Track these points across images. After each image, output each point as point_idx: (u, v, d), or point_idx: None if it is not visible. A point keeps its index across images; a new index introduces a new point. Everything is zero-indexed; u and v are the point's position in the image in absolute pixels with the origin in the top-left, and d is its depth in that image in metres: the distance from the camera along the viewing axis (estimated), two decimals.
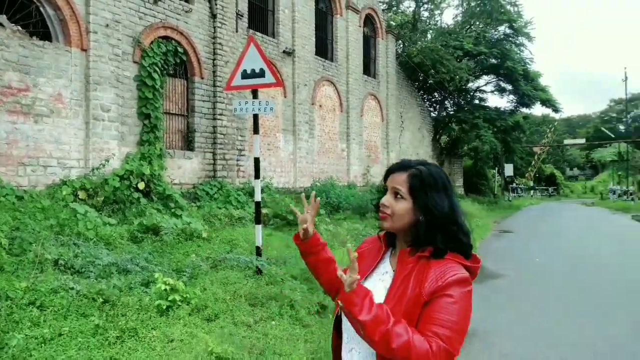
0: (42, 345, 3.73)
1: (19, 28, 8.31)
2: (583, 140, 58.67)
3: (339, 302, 1.50)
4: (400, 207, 1.61)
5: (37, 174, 8.24)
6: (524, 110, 33.64)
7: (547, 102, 30.81)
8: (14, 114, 7.97)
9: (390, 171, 1.68)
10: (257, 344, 4.64)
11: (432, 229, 1.58)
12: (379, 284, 1.64)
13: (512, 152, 33.40)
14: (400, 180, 1.62)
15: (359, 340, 1.56)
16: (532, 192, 51.34)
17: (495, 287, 8.62)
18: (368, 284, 1.63)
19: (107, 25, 9.46)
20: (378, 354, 1.53)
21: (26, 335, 3.75)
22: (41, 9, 8.69)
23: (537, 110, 77.34)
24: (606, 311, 6.89)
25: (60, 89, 8.68)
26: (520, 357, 5.06)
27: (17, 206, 6.76)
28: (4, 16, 8.27)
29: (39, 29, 8.74)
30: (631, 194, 37.54)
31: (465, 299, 1.51)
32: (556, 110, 32.44)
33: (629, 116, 60.72)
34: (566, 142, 56.97)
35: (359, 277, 1.47)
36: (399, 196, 1.62)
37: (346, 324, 1.65)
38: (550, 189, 54.94)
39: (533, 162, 56.93)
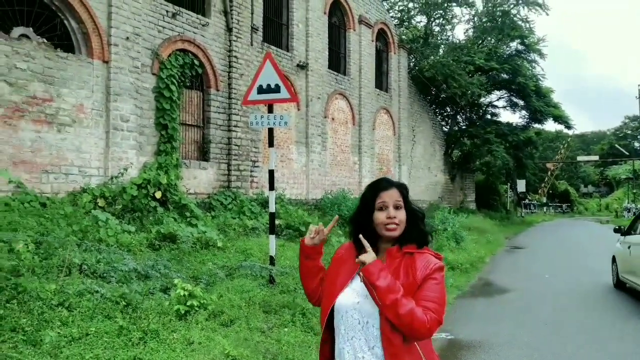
0: (72, 343, 3.90)
1: (44, 40, 8.62)
2: (597, 157, 58.32)
3: (360, 273, 1.89)
4: (403, 216, 2.01)
5: (59, 181, 8.48)
6: (537, 126, 33.64)
7: (560, 119, 30.79)
8: (38, 123, 8.24)
9: (379, 189, 2.04)
10: (271, 349, 4.77)
11: (416, 228, 2.03)
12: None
13: (524, 167, 33.28)
14: (396, 195, 2.02)
15: (358, 329, 1.92)
16: (545, 208, 51.00)
17: (503, 301, 8.67)
18: (356, 283, 1.98)
19: (128, 38, 9.75)
20: (382, 337, 1.86)
21: (57, 333, 3.93)
22: (65, 22, 9.00)
23: (550, 126, 77.12)
24: (613, 328, 6.90)
25: (82, 100, 8.95)
26: None
27: (42, 212, 6.98)
28: (31, 29, 8.59)
29: (63, 42, 9.04)
30: None
31: (444, 281, 1.95)
32: (569, 126, 32.42)
33: None
34: (579, 158, 56.68)
35: (373, 254, 1.89)
36: (398, 207, 2.00)
37: (345, 316, 1.95)
38: (564, 206, 54.48)
39: (546, 179, 56.60)
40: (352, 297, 1.95)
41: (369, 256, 1.87)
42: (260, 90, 7.42)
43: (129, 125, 9.72)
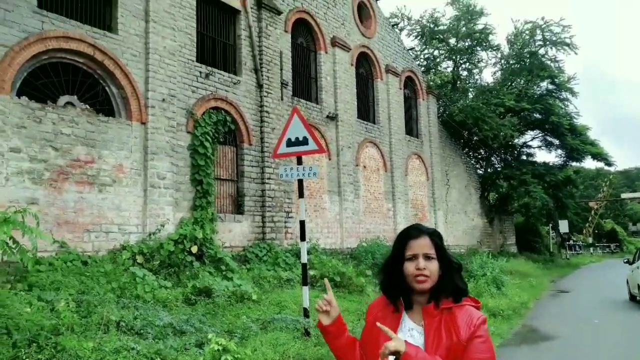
0: None
1: (87, 107, 9.16)
2: None
3: None
4: (434, 268, 1.87)
5: (100, 239, 8.78)
6: (575, 164, 32.81)
7: (598, 156, 29.99)
8: (81, 185, 8.64)
9: (409, 237, 1.92)
10: None
11: (452, 279, 1.89)
12: (409, 339, 1.81)
13: (565, 207, 32.24)
14: (427, 245, 1.89)
15: None
16: (591, 249, 48.90)
17: (547, 349, 8.27)
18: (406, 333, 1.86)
19: (164, 100, 10.25)
20: None
21: None
22: (106, 88, 9.57)
23: (590, 163, 75.06)
24: None
25: (121, 160, 9.38)
26: None
27: (83, 271, 7.21)
28: (75, 97, 9.16)
29: (104, 106, 9.58)
30: None
31: (489, 335, 1.81)
32: (609, 164, 31.50)
33: None
34: (624, 195, 54.65)
35: (400, 339, 1.70)
36: (429, 257, 1.88)
37: None
38: (612, 246, 52.08)
39: (590, 218, 54.58)
40: None
41: (398, 343, 1.68)
42: (289, 143, 7.62)
43: (165, 183, 10.06)
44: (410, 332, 1.85)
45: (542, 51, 28.14)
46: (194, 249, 9.67)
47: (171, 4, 10.63)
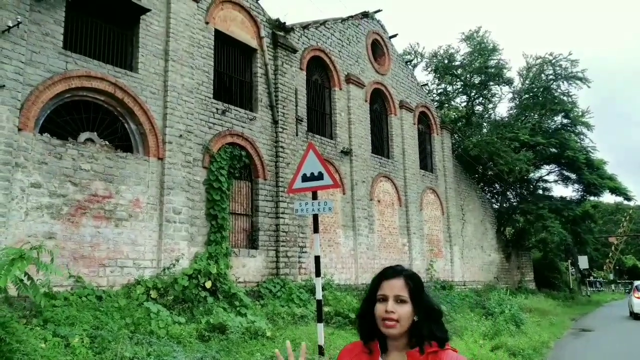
0: None
1: (107, 143, 9.36)
2: None
3: None
4: (405, 311, 1.75)
5: (115, 274, 8.81)
6: (593, 198, 32.36)
7: (617, 191, 29.57)
8: (98, 219, 8.75)
9: (383, 278, 1.83)
10: None
11: (429, 324, 1.76)
12: None
13: (584, 243, 31.65)
14: (399, 286, 1.78)
15: None
16: (613, 285, 47.67)
17: None
18: None
19: (181, 136, 10.44)
20: None
21: None
22: (125, 124, 9.80)
23: (609, 198, 73.90)
24: None
25: (138, 195, 9.50)
26: None
27: (97, 306, 7.22)
28: (95, 133, 9.38)
29: (122, 142, 9.78)
30: None
31: None
32: (628, 198, 31.01)
33: None
34: None
35: None
36: (400, 301, 1.76)
37: None
38: (635, 283, 50.67)
39: (610, 254, 53.38)
40: None
41: None
42: (305, 179, 7.66)
43: (181, 217, 10.13)
44: None
45: (554, 85, 28.23)
46: (208, 284, 9.64)
47: (190, 43, 10.96)
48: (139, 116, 9.77)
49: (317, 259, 7.43)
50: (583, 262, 35.31)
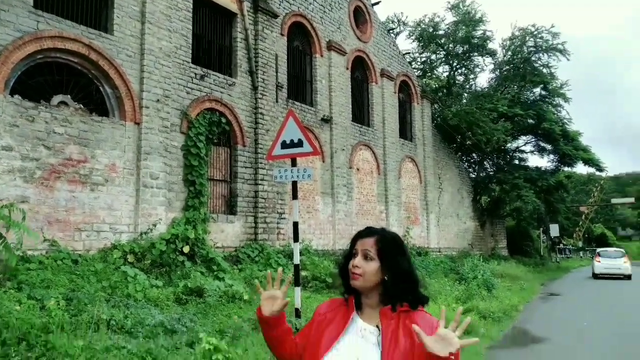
0: None
1: (81, 106, 9.17)
2: (632, 200, 56.54)
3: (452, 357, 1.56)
4: (370, 268, 1.83)
5: (91, 238, 8.78)
6: (567, 169, 33.07)
7: (590, 162, 30.24)
8: (73, 184, 8.65)
9: (359, 236, 1.91)
10: None
11: (397, 286, 1.81)
12: (360, 340, 1.79)
13: (556, 212, 32.49)
14: (369, 244, 1.86)
15: None
16: (581, 253, 49.29)
17: (537, 351, 8.36)
18: (347, 342, 1.80)
19: (158, 100, 10.27)
20: None
21: None
22: (101, 88, 9.59)
23: (582, 169, 75.38)
24: None
25: (114, 159, 9.39)
26: None
27: (73, 269, 7.22)
28: (69, 96, 9.17)
29: (98, 106, 9.59)
30: None
31: None
32: (600, 169, 31.76)
33: None
34: (614, 201, 55.13)
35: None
36: (368, 258, 1.84)
37: None
38: (598, 250, 52.52)
39: (580, 222, 54.99)
40: None
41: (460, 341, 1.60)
42: (284, 145, 7.66)
43: (158, 183, 10.07)
44: (362, 332, 1.81)
45: (535, 57, 28.36)
46: (186, 249, 9.69)
47: (168, 5, 10.66)
48: (115, 79, 9.56)
49: (295, 224, 7.51)
50: (554, 230, 36.37)
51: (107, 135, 9.31)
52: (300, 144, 7.59)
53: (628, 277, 24.20)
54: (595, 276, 24.90)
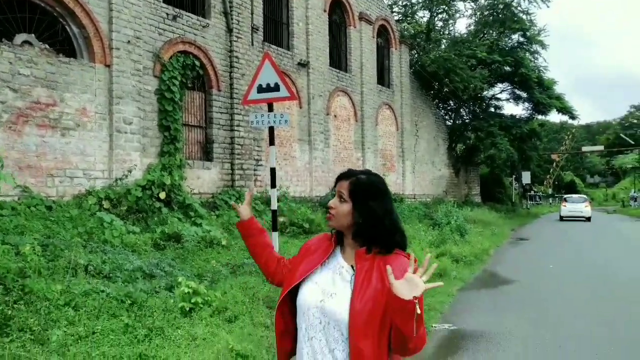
0: (78, 341, 4.02)
1: (47, 46, 8.73)
2: (602, 147, 58.03)
3: (416, 301, 1.56)
4: (341, 209, 1.86)
5: (65, 184, 8.61)
6: (540, 117, 33.50)
7: (563, 110, 30.66)
8: (43, 128, 8.37)
9: (339, 178, 1.95)
10: (275, 343, 4.85)
11: (370, 229, 1.83)
12: (336, 276, 1.84)
13: (529, 159, 33.18)
14: (344, 186, 1.89)
15: (319, 329, 1.77)
16: (550, 199, 50.89)
17: (506, 292, 8.73)
18: (323, 275, 1.86)
19: (129, 42, 9.85)
20: (350, 346, 1.69)
21: (64, 332, 4.05)
22: (67, 27, 9.12)
23: (555, 117, 76.50)
24: (613, 316, 6.95)
25: (85, 104, 9.07)
26: (525, 358, 5.18)
27: (48, 215, 7.11)
28: (33, 35, 8.71)
29: (65, 47, 9.16)
30: None
31: None
32: (573, 117, 32.28)
33: None
34: (584, 149, 56.44)
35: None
36: (342, 199, 1.87)
37: (306, 313, 1.80)
38: (565, 196, 54.28)
39: (551, 170, 56.42)
40: (315, 295, 1.81)
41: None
42: (260, 90, 7.48)
43: (132, 128, 9.83)
44: (339, 269, 1.85)
45: (515, 3, 27.99)
46: (162, 195, 9.61)
47: None
48: (81, 18, 9.08)
49: (272, 170, 7.46)
50: (526, 177, 37.28)
51: (76, 77, 8.94)
52: (277, 88, 7.42)
53: (588, 219, 27.54)
54: (562, 218, 28.61)
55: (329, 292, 1.79)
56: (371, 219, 1.83)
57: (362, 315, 1.69)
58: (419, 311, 1.59)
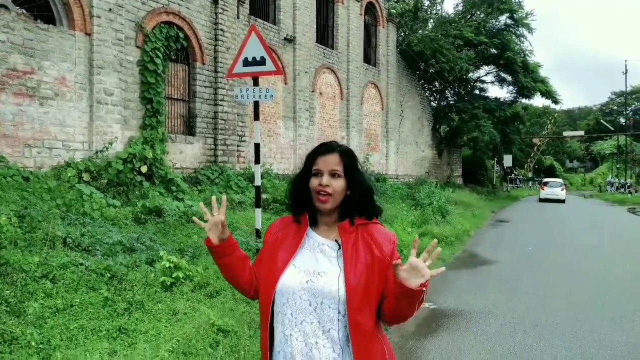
0: (56, 314, 3.94)
1: (24, 11, 8.41)
2: (582, 133, 58.82)
3: (424, 289, 1.56)
4: (339, 185, 1.76)
5: (43, 155, 8.40)
6: (524, 101, 33.72)
7: (547, 94, 30.87)
8: (20, 96, 8.11)
9: (319, 154, 1.80)
10: (256, 318, 4.84)
11: (360, 200, 1.80)
12: (318, 254, 1.77)
13: (511, 143, 33.52)
14: (335, 161, 1.77)
15: (309, 312, 1.69)
16: (530, 183, 51.62)
17: (485, 272, 8.86)
18: (304, 257, 1.77)
19: (111, 10, 9.55)
20: (350, 322, 1.66)
21: (41, 304, 3.96)
22: None
23: (538, 101, 77.00)
24: (590, 296, 7.11)
25: (64, 73, 8.81)
26: (503, 337, 5.27)
27: (25, 186, 6.93)
28: (9, 0, 8.37)
29: (43, 12, 8.84)
30: (629, 187, 37.72)
31: None
32: (556, 102, 32.54)
33: (629, 109, 60.73)
34: (565, 134, 57.12)
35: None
36: (336, 176, 1.76)
37: (291, 298, 1.71)
38: (544, 180, 55.17)
39: (532, 154, 57.09)
40: (298, 277, 1.72)
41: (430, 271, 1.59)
42: (246, 63, 7.33)
43: (113, 99, 9.60)
44: (320, 247, 1.78)
45: None
46: (144, 169, 9.46)
47: None
48: None
49: (257, 146, 7.37)
50: (507, 160, 37.66)
51: (55, 45, 8.66)
52: (262, 62, 7.28)
53: (562, 201, 30.55)
54: (541, 200, 31.63)
55: (314, 271, 1.72)
56: (362, 190, 1.79)
57: (358, 289, 1.67)
58: (425, 295, 1.60)
